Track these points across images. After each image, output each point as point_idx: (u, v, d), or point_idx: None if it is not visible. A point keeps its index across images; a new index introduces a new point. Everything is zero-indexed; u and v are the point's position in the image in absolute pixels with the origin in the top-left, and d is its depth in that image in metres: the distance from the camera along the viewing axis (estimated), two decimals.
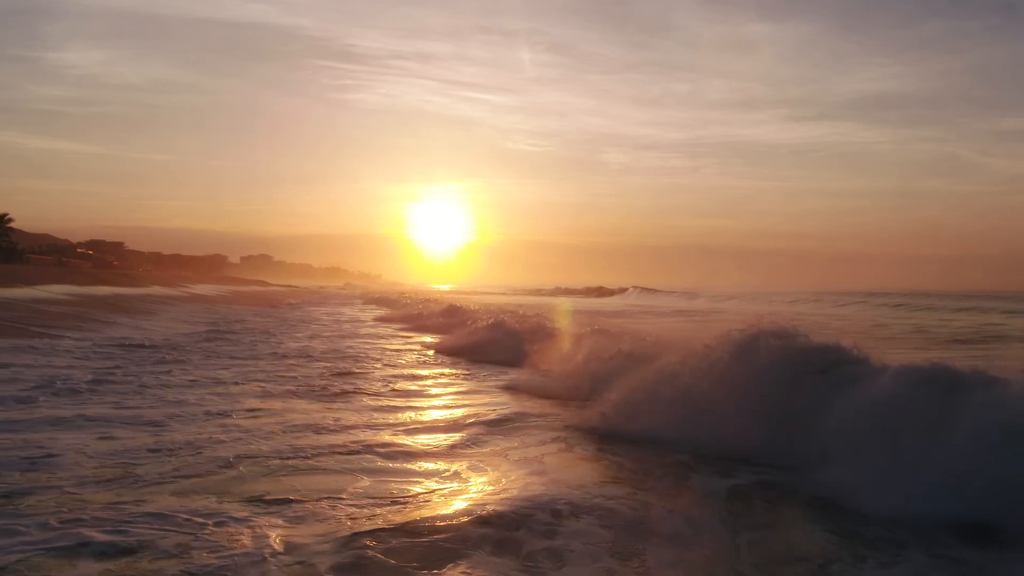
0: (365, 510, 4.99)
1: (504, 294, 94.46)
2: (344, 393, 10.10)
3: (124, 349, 14.53)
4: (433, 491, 5.54)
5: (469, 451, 6.92)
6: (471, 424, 8.21)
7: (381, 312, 36.17)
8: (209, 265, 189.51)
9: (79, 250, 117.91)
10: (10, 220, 73.28)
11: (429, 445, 7.12)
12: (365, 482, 5.72)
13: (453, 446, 7.09)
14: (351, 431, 7.56)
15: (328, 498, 5.24)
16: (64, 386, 9.54)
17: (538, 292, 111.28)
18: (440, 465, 6.36)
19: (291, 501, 5.16)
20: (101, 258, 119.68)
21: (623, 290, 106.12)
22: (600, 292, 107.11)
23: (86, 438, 6.83)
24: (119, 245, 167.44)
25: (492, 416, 8.71)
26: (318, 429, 7.61)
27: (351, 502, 5.17)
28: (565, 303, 48.72)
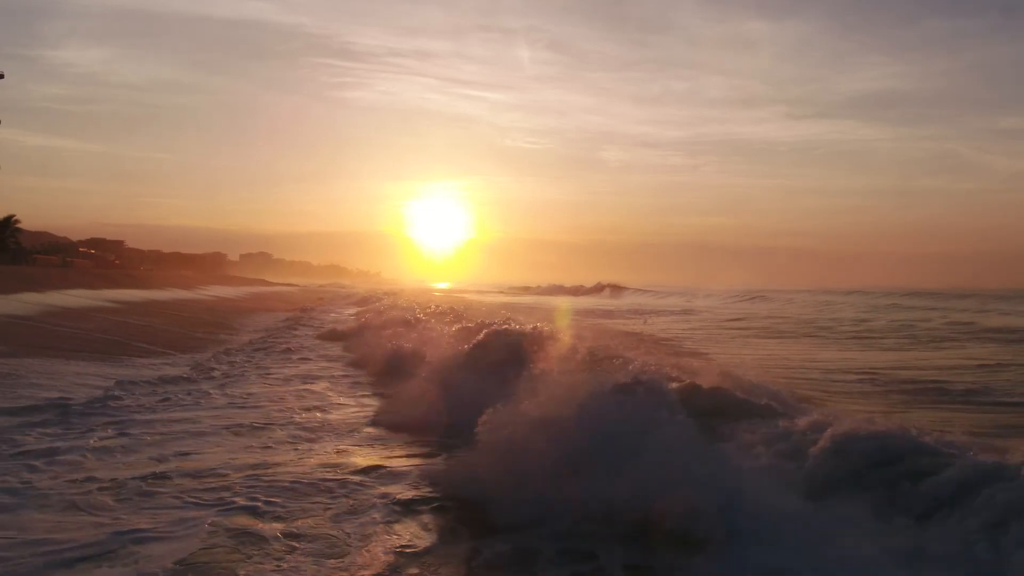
0: None
1: (490, 292, 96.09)
2: None
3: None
4: None
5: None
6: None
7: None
8: (209, 263, 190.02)
9: (81, 249, 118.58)
10: (17, 221, 74.23)
11: None
12: None
13: None
14: None
15: None
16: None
17: (527, 290, 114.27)
18: None
19: None
20: (103, 256, 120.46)
21: (600, 288, 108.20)
22: (578, 291, 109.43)
23: None
24: (120, 243, 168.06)
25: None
26: None
27: None
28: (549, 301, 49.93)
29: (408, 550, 5.32)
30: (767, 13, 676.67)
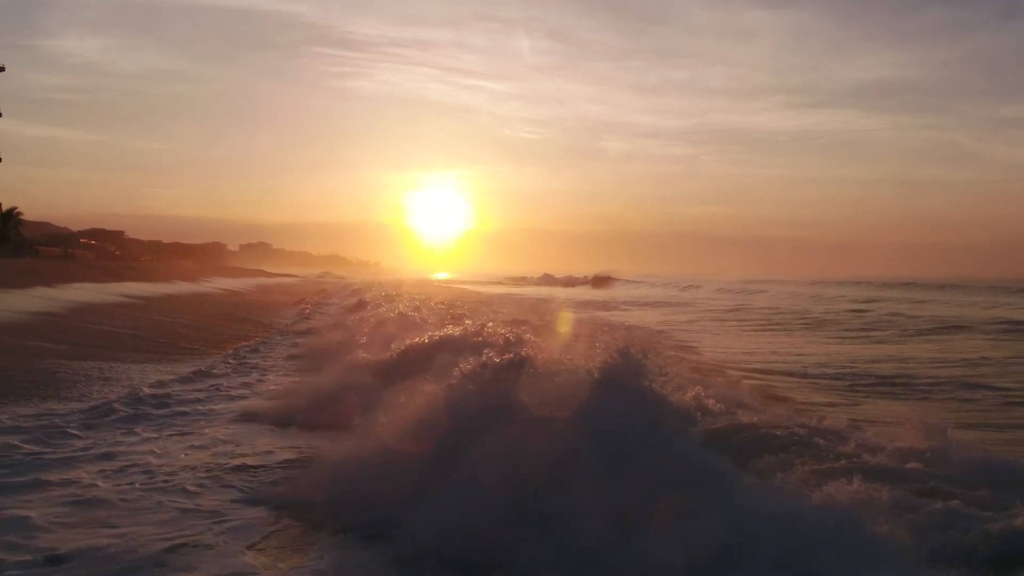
0: None
1: (489, 284, 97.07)
2: None
3: None
4: None
5: None
6: None
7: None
8: (209, 253, 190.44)
9: (82, 240, 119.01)
10: (19, 214, 74.81)
11: None
12: None
13: None
14: None
15: None
16: None
17: (523, 280, 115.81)
18: None
19: None
20: (103, 247, 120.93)
21: (600, 279, 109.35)
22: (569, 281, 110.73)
23: None
24: (120, 234, 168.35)
25: None
26: None
27: None
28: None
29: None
30: (767, 2, 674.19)
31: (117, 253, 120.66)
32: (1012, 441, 9.16)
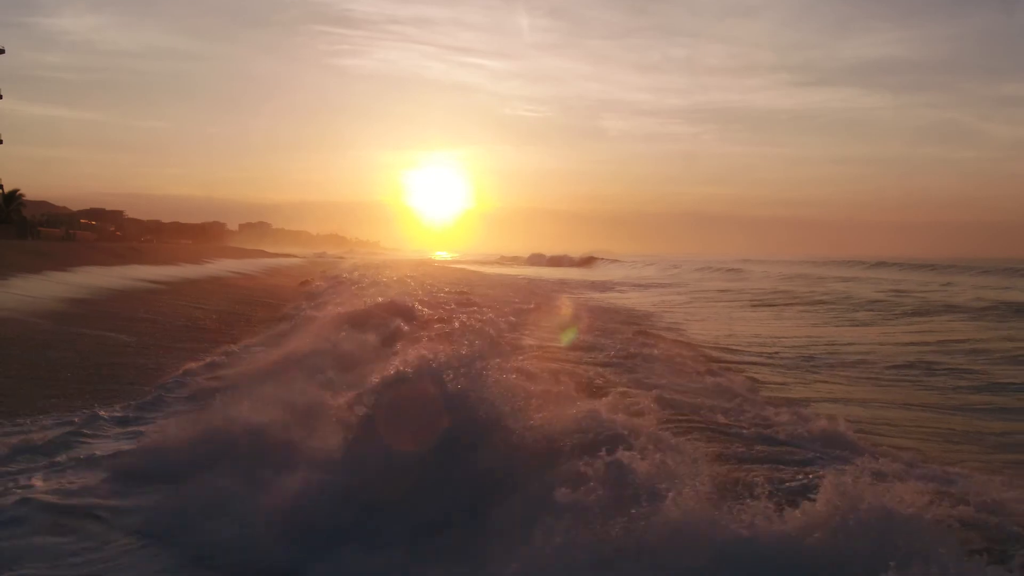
0: None
1: (487, 264, 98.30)
2: None
3: None
4: None
5: None
6: None
7: None
8: (209, 233, 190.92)
9: (82, 220, 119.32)
10: (22, 195, 75.30)
11: None
12: None
13: None
14: None
15: None
16: None
17: (512, 260, 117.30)
18: None
19: None
20: (103, 227, 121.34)
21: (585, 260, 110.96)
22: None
23: None
24: (119, 214, 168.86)
25: None
26: None
27: None
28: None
29: None
30: None
31: (118, 234, 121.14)
32: (931, 421, 9.79)
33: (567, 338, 12.82)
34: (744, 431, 8.16)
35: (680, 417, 8.64)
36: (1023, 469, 7.45)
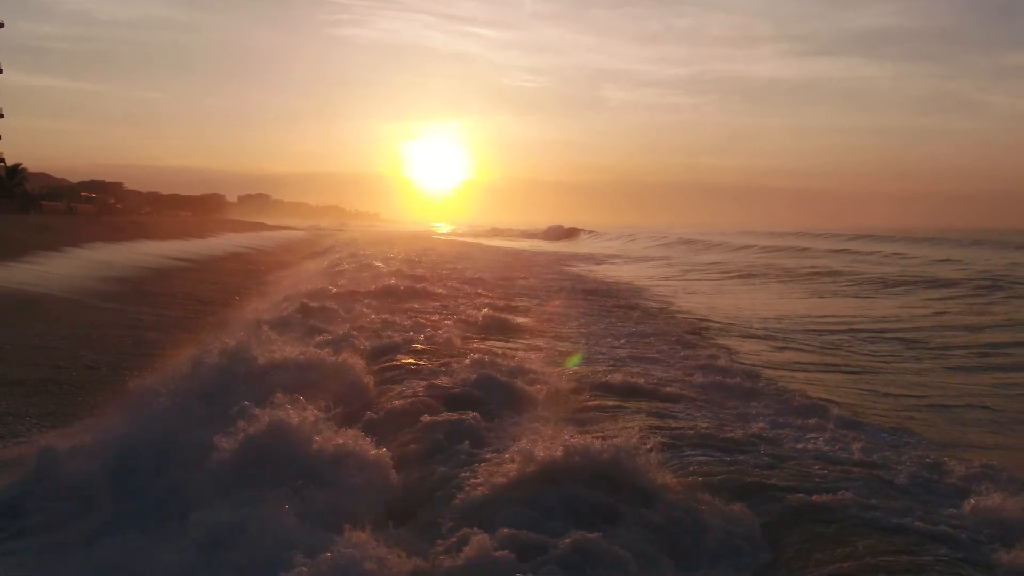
0: None
1: (483, 237, 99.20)
2: None
3: None
4: None
5: None
6: None
7: None
8: (208, 205, 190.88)
9: (83, 193, 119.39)
10: (24, 169, 75.89)
11: None
12: None
13: None
14: None
15: None
16: None
17: (504, 232, 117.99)
18: None
19: None
20: (103, 200, 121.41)
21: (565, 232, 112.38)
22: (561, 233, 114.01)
23: None
24: (119, 186, 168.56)
25: None
26: None
27: None
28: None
29: None
30: None
31: (118, 206, 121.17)
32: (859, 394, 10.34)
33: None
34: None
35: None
36: None
